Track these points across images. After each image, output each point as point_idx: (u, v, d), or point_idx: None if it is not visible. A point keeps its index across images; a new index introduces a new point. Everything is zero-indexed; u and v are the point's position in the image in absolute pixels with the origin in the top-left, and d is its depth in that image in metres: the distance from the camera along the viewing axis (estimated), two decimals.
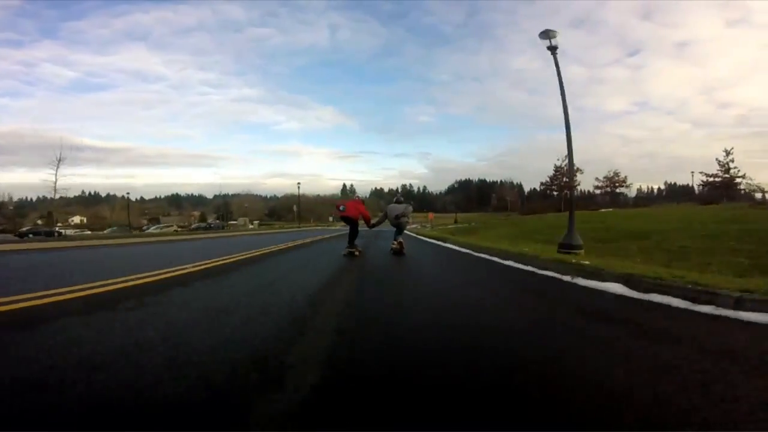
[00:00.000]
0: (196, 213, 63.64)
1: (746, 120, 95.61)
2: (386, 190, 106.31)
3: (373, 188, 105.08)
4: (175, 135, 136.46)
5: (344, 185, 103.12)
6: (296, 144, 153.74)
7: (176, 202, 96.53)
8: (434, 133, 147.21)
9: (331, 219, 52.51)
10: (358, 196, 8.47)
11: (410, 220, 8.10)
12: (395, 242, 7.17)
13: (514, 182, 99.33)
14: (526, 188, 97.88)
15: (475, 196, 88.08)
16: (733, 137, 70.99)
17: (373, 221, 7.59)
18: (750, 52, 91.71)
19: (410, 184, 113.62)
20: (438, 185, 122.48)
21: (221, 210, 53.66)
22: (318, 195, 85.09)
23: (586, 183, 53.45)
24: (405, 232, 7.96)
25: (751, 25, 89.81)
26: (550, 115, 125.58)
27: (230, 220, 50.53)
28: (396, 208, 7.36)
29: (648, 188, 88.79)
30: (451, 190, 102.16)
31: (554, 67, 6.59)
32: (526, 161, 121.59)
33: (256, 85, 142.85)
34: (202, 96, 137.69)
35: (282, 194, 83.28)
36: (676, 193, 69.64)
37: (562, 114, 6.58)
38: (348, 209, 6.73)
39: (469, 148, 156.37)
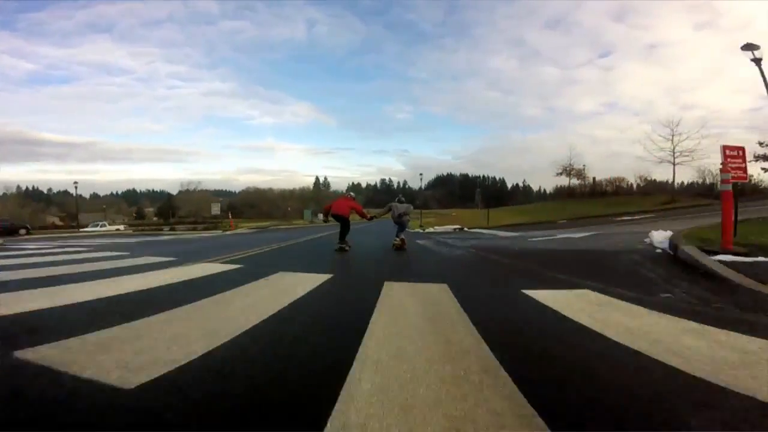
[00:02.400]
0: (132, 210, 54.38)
1: (705, 122, 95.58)
2: (364, 185, 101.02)
3: (350, 183, 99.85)
4: (142, 129, 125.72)
5: (317, 178, 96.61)
6: (270, 140, 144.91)
7: (132, 198, 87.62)
8: (412, 131, 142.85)
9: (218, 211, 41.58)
10: (351, 194, 7.90)
11: (410, 219, 8.43)
12: (397, 239, 7.23)
13: (497, 177, 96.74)
14: (509, 184, 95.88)
15: (457, 192, 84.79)
16: (693, 139, 68.67)
17: (372, 213, 8.27)
18: (713, 55, 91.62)
19: (390, 179, 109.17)
20: (417, 182, 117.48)
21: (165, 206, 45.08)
22: (286, 190, 77.22)
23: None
24: None
25: (717, 28, 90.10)
26: (524, 115, 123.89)
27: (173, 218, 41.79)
28: (399, 207, 7.64)
29: (627, 185, 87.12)
30: (430, 185, 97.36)
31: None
32: (500, 159, 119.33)
33: (229, 79, 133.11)
34: (171, 89, 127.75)
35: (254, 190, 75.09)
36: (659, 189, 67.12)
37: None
38: (338, 207, 7.00)
39: (445, 146, 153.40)
